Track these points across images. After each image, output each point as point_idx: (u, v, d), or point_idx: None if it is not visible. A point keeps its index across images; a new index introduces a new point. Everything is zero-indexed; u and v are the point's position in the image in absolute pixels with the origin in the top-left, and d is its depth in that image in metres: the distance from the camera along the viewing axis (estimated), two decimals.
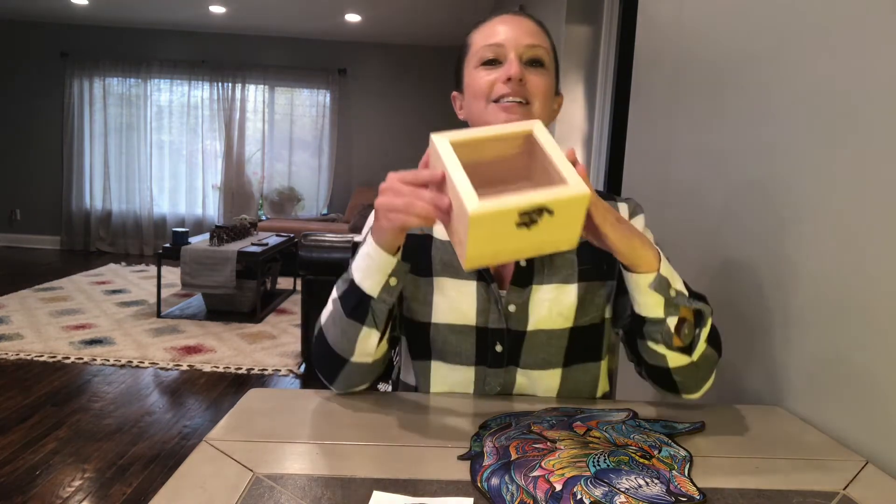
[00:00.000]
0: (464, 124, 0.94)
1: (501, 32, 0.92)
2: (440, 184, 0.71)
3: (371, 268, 0.83)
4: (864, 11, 0.91)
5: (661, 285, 0.81)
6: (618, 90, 2.98)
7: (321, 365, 0.91)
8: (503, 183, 0.74)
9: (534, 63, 0.91)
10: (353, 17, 5.73)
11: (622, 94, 2.93)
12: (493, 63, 0.91)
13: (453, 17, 5.39)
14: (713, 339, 0.88)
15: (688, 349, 0.85)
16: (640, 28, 1.91)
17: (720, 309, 1.29)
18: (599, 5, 3.08)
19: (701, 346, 0.85)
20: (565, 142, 3.31)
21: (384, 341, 0.89)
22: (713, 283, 1.33)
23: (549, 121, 0.93)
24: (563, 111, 3.11)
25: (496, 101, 0.90)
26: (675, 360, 0.86)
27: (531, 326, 0.94)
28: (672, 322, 0.83)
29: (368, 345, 0.86)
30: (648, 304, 0.83)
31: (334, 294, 0.89)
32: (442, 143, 0.70)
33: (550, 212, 0.66)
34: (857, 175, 0.90)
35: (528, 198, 0.66)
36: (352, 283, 0.85)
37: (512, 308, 0.94)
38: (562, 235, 0.70)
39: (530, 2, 3.89)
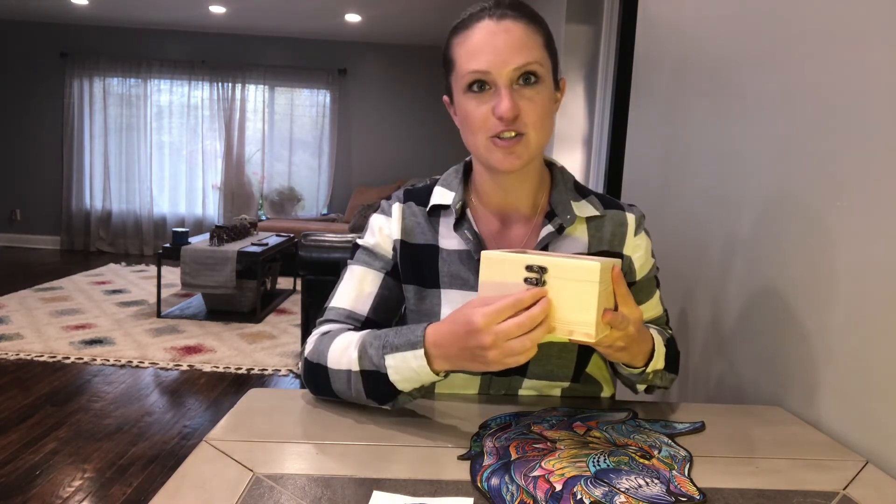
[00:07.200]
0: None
1: (485, 56, 0.82)
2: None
3: (414, 380, 0.80)
4: (864, 11, 0.91)
5: (640, 377, 0.90)
6: (618, 90, 2.98)
7: (315, 391, 0.89)
8: None
9: (527, 79, 0.84)
10: (353, 17, 5.73)
11: (622, 94, 2.93)
12: (482, 89, 0.84)
13: (453, 18, 5.38)
14: (674, 362, 0.96)
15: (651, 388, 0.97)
16: (640, 28, 1.91)
17: (719, 308, 1.29)
18: (599, 5, 3.08)
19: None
20: (566, 141, 3.30)
21: None
22: (711, 283, 1.33)
23: (549, 134, 0.89)
24: (564, 111, 3.10)
25: (492, 135, 0.85)
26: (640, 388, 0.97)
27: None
28: (641, 387, 0.95)
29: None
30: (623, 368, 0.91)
31: (355, 364, 0.82)
32: (494, 255, 0.73)
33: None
34: (856, 176, 0.90)
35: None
36: (385, 378, 0.80)
37: None
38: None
39: (530, 3, 3.89)
